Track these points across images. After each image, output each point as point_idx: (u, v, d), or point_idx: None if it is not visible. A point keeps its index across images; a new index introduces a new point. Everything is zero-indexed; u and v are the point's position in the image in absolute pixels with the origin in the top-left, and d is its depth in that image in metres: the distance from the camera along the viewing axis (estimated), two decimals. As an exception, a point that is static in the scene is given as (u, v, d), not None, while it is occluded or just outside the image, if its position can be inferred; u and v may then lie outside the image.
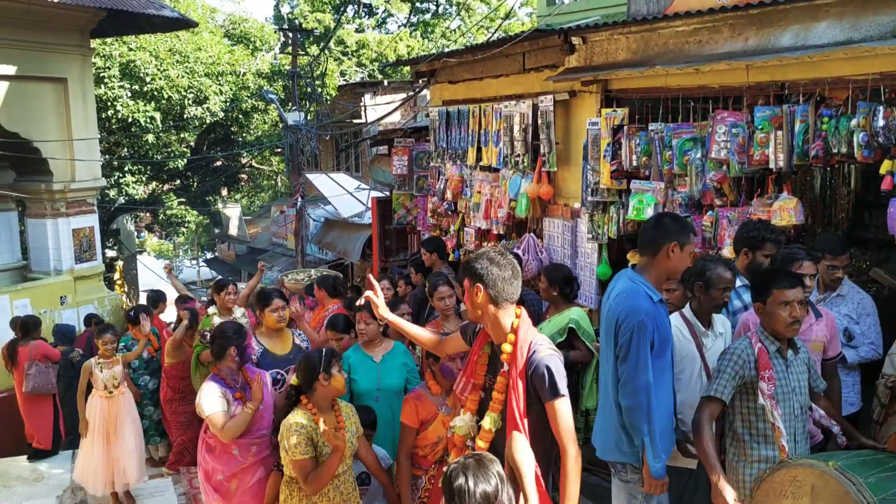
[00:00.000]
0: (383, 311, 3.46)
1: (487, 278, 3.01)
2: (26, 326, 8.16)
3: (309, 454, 3.71)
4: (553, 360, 2.99)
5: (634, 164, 5.53)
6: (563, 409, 2.97)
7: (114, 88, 17.64)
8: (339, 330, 5.14)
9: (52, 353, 8.09)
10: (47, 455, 8.04)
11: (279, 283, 8.77)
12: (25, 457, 8.12)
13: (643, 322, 3.36)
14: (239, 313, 6.49)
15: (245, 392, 4.37)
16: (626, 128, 5.58)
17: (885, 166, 4.08)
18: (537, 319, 5.31)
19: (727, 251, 4.76)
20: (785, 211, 4.57)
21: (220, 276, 13.14)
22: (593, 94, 6.09)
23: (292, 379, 3.92)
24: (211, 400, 4.27)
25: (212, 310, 6.48)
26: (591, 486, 5.69)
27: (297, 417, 3.76)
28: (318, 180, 14.39)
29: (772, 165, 4.57)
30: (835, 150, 4.26)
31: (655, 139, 5.34)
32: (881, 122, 3.98)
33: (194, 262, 34.58)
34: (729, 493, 3.21)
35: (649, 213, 5.38)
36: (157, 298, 8.21)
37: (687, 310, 3.99)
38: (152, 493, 6.57)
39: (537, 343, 3.04)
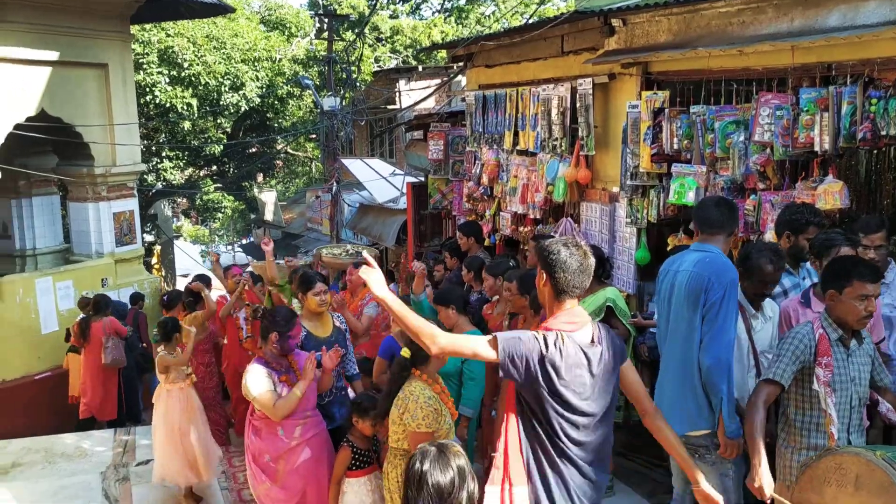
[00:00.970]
0: (378, 288, 2.89)
1: (553, 267, 2.90)
2: (98, 304, 8.77)
3: (433, 428, 3.70)
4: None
5: (675, 147, 5.47)
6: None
7: (152, 74, 17.86)
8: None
9: (122, 328, 8.78)
10: (113, 424, 8.60)
11: (316, 258, 8.79)
12: (68, 434, 8.35)
13: (734, 280, 3.59)
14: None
15: (290, 375, 4.41)
16: (667, 111, 5.52)
17: (936, 148, 4.00)
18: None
19: (769, 235, 4.70)
20: (830, 195, 4.50)
21: (254, 261, 13.24)
22: (633, 76, 6.03)
23: (403, 352, 3.89)
24: (258, 381, 4.32)
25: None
26: (628, 471, 5.69)
27: (422, 390, 3.74)
28: (354, 165, 14.45)
29: (817, 148, 4.50)
30: (883, 133, 4.17)
31: (697, 122, 5.28)
32: (933, 103, 3.89)
33: (230, 247, 34.98)
34: (765, 480, 3.18)
35: (691, 196, 5.33)
36: (201, 282, 8.29)
37: (740, 293, 3.88)
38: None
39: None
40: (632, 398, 3.05)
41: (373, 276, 2.90)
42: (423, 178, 11.24)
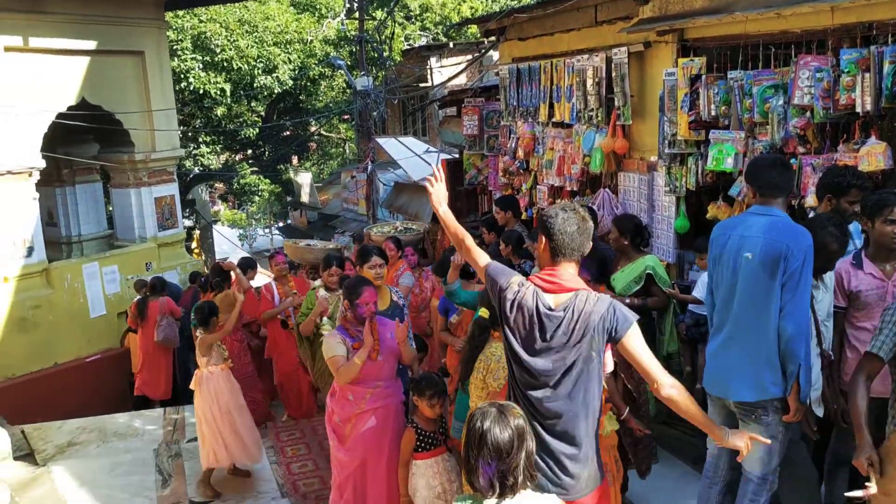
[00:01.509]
0: (437, 200, 3.38)
1: (551, 230, 2.98)
2: (155, 286, 9.17)
3: None
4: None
5: (713, 113, 5.43)
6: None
7: (186, 61, 18.06)
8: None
9: (176, 309, 9.13)
10: (165, 403, 8.88)
11: (366, 236, 8.96)
12: (121, 413, 8.61)
13: (811, 245, 3.56)
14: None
15: (361, 342, 4.50)
16: (703, 77, 5.48)
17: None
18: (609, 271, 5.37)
19: (811, 199, 4.66)
20: (873, 156, 4.44)
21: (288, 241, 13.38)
22: (669, 44, 5.99)
23: (482, 311, 3.95)
24: (331, 345, 4.48)
25: (318, 282, 6.38)
26: (671, 438, 5.71)
27: (500, 349, 3.76)
28: (388, 144, 14.50)
29: (858, 109, 4.44)
30: (927, 91, 4.12)
31: (735, 87, 5.23)
32: (978, 59, 3.82)
33: (267, 230, 35.36)
34: (872, 456, 2.99)
35: (729, 163, 5.30)
36: (247, 265, 8.31)
37: None
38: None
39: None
40: (640, 371, 3.00)
41: (436, 191, 3.35)
42: (457, 155, 11.26)
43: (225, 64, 18.63)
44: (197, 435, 6.01)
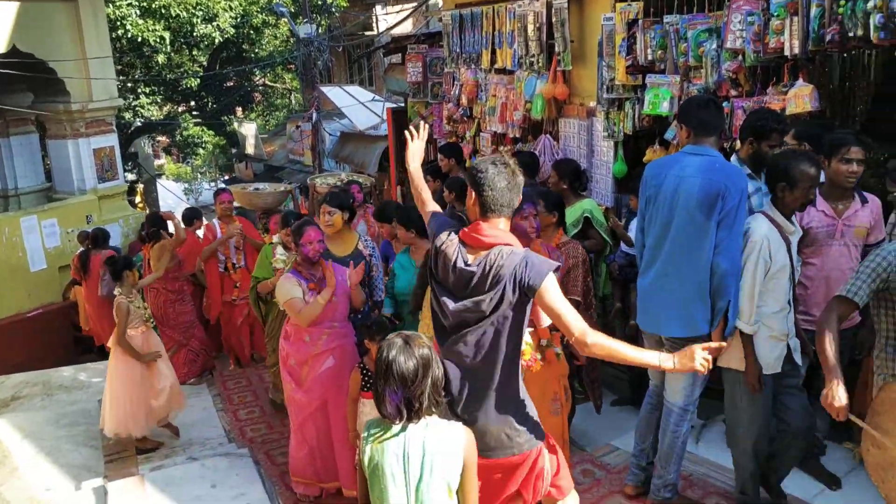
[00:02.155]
0: (412, 155, 3.43)
1: (480, 185, 2.92)
2: (97, 238, 8.87)
3: None
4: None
5: (650, 58, 5.50)
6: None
7: (122, 7, 17.43)
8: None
9: None
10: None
11: (311, 187, 8.86)
12: (65, 367, 8.54)
13: (746, 188, 3.71)
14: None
15: (321, 284, 4.55)
16: (640, 21, 5.53)
17: (901, 47, 4.07)
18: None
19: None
20: (800, 98, 4.57)
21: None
22: (607, -12, 6.01)
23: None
24: (287, 288, 4.52)
25: (276, 238, 6.17)
26: (609, 376, 5.91)
27: None
28: (332, 93, 14.33)
29: (787, 52, 4.55)
30: (851, 34, 4.22)
31: (671, 32, 5.30)
32: (898, 2, 3.94)
33: (213, 183, 34.75)
34: (842, 399, 2.88)
35: (665, 107, 5.40)
36: (192, 215, 8.26)
37: (772, 210, 3.72)
38: (188, 396, 6.86)
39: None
40: (558, 325, 2.90)
41: (413, 146, 3.43)
42: (402, 103, 11.19)
43: (163, 11, 18.03)
44: (104, 401, 5.90)
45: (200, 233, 8.31)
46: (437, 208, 3.35)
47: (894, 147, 6.16)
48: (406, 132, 3.51)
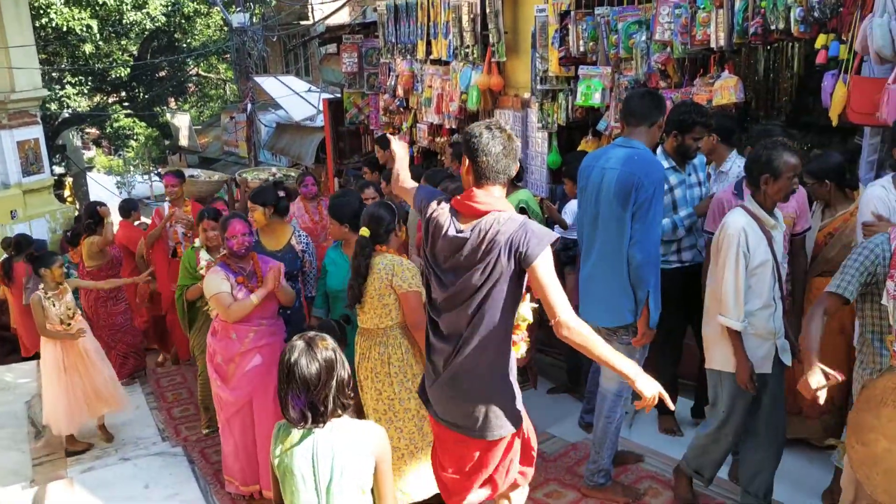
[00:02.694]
0: (401, 176, 3.36)
1: (475, 150, 2.80)
2: (20, 245, 8.45)
3: (422, 287, 3.71)
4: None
5: (582, 49, 5.57)
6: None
7: (46, -6, 16.85)
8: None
9: None
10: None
11: (241, 182, 8.59)
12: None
13: (662, 178, 3.75)
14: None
15: (251, 280, 4.46)
16: (572, 13, 5.59)
17: (820, 40, 4.20)
18: None
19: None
20: (726, 90, 4.69)
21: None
22: (540, -20, 6.05)
23: (362, 231, 3.89)
24: (214, 282, 4.40)
25: (197, 242, 5.79)
26: (545, 365, 5.98)
27: (396, 257, 3.88)
28: (267, 83, 14.11)
29: (713, 45, 4.66)
30: (773, 27, 4.35)
31: (602, 23, 5.38)
32: (817, -4, 4.06)
33: (146, 176, 33.87)
34: (814, 381, 2.80)
35: (597, 98, 5.47)
36: (129, 207, 7.98)
37: (752, 203, 3.57)
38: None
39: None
40: (544, 304, 2.79)
41: (398, 151, 3.41)
42: (339, 94, 11.09)
43: (90, -2, 17.50)
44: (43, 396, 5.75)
45: (139, 223, 8.08)
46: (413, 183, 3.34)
47: (817, 138, 6.36)
48: (392, 141, 3.50)
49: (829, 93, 4.20)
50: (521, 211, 5.41)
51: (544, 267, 2.73)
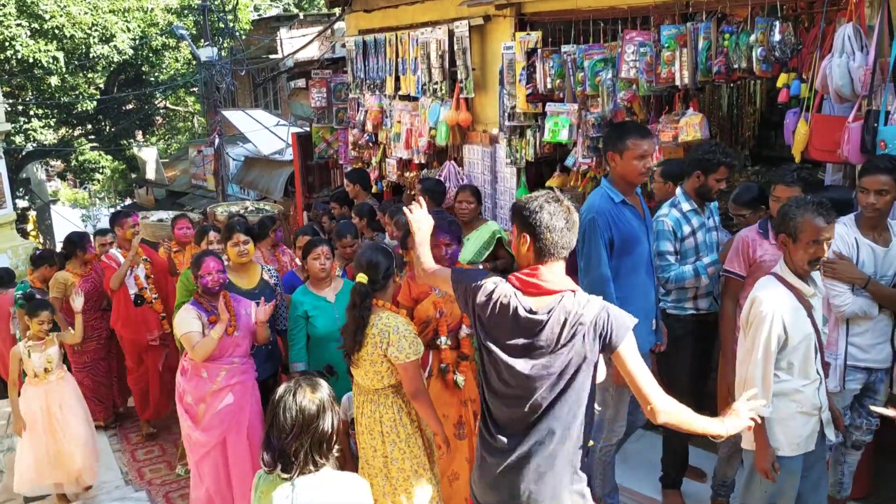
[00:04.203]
0: (425, 262, 3.12)
1: (537, 228, 2.59)
2: (2, 278, 8.10)
3: (420, 353, 3.64)
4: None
5: (549, 86, 5.61)
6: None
7: (11, 27, 16.69)
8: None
9: None
10: None
11: (210, 216, 8.36)
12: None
13: (594, 220, 3.67)
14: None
15: (218, 316, 4.38)
16: (539, 51, 5.65)
17: (782, 80, 4.29)
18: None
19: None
20: (691, 126, 4.76)
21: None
22: (507, 17, 6.11)
23: (359, 277, 3.70)
24: (186, 320, 4.32)
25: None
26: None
27: (394, 319, 3.64)
28: (235, 117, 14.07)
29: (678, 83, 4.73)
30: (735, 66, 4.44)
31: (568, 61, 5.43)
32: (777, 37, 4.16)
33: (112, 209, 33.49)
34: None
35: (564, 134, 5.52)
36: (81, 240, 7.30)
37: (784, 270, 3.24)
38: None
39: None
40: (633, 389, 2.63)
41: (417, 219, 3.15)
42: (307, 128, 11.08)
43: (56, 31, 17.35)
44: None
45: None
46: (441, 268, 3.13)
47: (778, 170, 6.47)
48: (411, 211, 3.20)
49: (792, 130, 4.28)
50: (498, 241, 5.44)
51: (631, 349, 2.58)
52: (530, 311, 2.58)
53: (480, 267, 5.18)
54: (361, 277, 3.68)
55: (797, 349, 3.19)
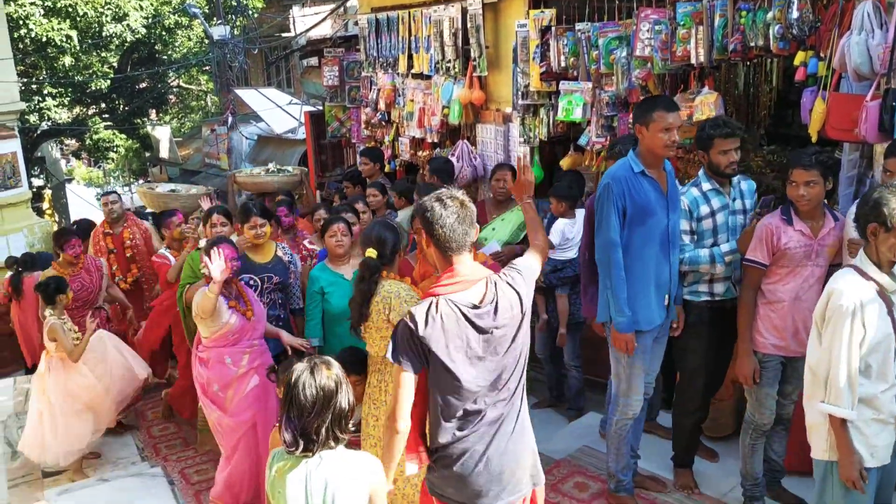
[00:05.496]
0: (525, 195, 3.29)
1: (431, 226, 2.74)
2: (27, 262, 8.36)
3: None
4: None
5: (563, 65, 5.58)
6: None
7: (24, 6, 16.68)
8: None
9: None
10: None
11: (231, 181, 8.32)
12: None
13: (609, 185, 3.80)
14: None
15: (238, 302, 4.49)
16: (553, 29, 5.61)
17: (799, 57, 4.23)
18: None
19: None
20: (706, 105, 4.71)
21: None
22: (521, -5, 6.06)
23: (368, 252, 3.78)
24: (201, 293, 4.37)
25: (203, 243, 5.47)
26: (528, 380, 5.95)
27: (399, 286, 3.74)
28: (248, 96, 14.05)
29: (693, 61, 4.68)
30: (752, 44, 4.38)
31: (582, 39, 5.39)
32: (795, 14, 4.09)
33: (127, 188, 33.60)
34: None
35: (578, 113, 5.48)
36: (89, 228, 7.64)
37: (864, 262, 3.00)
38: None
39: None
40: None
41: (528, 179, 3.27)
42: (320, 107, 11.05)
43: (69, 10, 17.33)
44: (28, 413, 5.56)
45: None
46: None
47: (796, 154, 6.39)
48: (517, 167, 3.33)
49: (809, 109, 4.22)
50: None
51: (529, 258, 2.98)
52: (475, 307, 2.70)
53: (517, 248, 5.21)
54: (371, 252, 3.78)
55: (876, 349, 2.96)
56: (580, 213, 5.14)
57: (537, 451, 2.96)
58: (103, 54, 19.95)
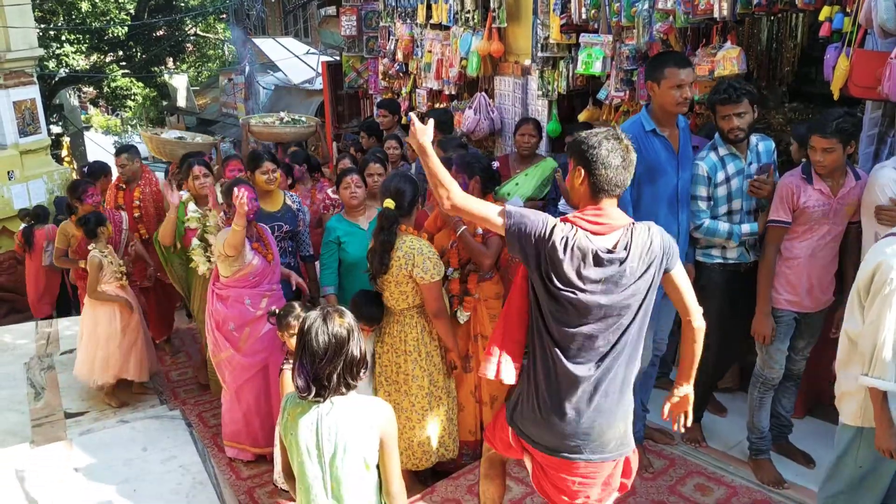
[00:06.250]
0: (422, 137, 2.86)
1: (593, 163, 2.62)
2: (39, 215, 9.15)
3: (442, 274, 3.93)
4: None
5: (584, 17, 5.49)
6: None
7: (42, -49, 16.60)
8: None
9: None
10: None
11: (244, 126, 8.24)
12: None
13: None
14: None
15: (259, 244, 4.59)
16: (575, -20, 5.51)
17: (824, 12, 4.15)
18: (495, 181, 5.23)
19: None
20: (728, 60, 4.65)
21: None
22: (543, -56, 5.95)
23: (387, 203, 3.84)
24: (224, 233, 4.41)
25: (185, 195, 5.58)
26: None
27: (418, 242, 3.87)
28: (266, 45, 13.97)
29: (716, 14, 4.60)
30: (777, -3, 4.30)
31: (604, -9, 5.30)
32: (822, -33, 4.01)
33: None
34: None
35: (598, 66, 5.42)
36: (100, 171, 7.13)
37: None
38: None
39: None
40: (678, 304, 2.82)
41: (426, 128, 2.89)
42: (338, 57, 10.97)
43: (87, -45, 17.24)
44: (74, 346, 5.85)
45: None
46: (481, 201, 2.90)
47: (818, 109, 6.31)
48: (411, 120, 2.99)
49: (832, 66, 4.16)
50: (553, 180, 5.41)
51: (681, 271, 2.78)
52: (609, 251, 2.61)
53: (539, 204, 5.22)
54: (389, 203, 3.84)
55: None
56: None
57: (632, 421, 2.87)
58: (120, 1, 19.83)
